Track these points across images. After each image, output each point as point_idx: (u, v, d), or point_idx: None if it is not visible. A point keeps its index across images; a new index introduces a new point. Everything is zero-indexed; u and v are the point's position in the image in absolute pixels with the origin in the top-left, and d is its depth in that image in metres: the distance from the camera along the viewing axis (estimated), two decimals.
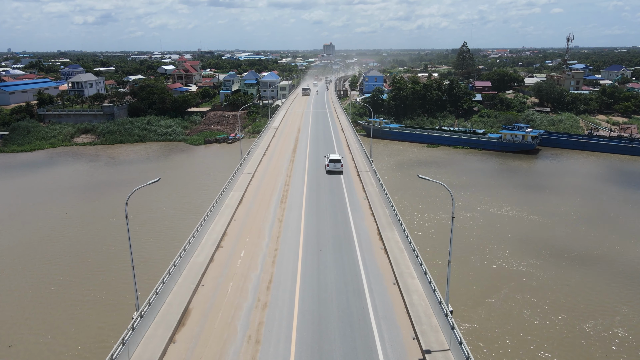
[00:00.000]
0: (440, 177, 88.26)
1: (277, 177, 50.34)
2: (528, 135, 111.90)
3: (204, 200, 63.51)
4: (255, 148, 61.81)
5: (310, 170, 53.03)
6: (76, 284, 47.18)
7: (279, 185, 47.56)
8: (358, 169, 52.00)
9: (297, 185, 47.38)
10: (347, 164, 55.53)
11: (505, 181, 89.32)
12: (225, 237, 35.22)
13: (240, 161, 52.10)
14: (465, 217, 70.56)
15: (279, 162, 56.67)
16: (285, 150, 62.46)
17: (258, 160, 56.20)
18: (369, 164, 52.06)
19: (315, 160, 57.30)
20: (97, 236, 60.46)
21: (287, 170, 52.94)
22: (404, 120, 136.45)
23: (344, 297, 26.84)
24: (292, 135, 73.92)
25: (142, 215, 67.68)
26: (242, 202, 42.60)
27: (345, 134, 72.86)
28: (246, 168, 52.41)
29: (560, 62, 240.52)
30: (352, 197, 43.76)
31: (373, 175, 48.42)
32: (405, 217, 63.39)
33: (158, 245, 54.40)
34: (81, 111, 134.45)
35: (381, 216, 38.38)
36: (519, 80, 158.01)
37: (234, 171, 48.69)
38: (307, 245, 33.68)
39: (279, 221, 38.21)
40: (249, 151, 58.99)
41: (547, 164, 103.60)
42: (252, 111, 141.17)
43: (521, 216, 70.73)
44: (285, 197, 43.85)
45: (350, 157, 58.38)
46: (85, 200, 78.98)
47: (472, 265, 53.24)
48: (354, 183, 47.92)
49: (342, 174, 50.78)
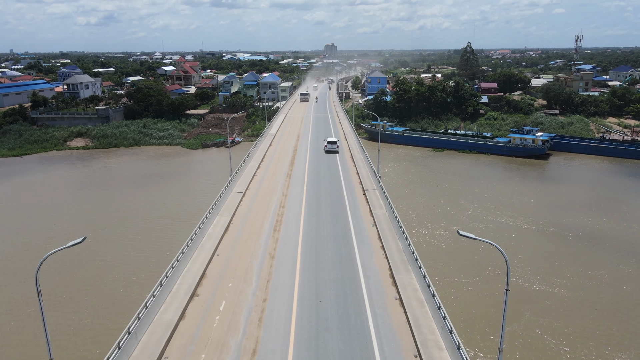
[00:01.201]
0: (448, 183, 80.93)
1: (272, 196, 43.08)
2: (538, 139, 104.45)
3: (199, 209, 56.47)
4: (249, 160, 54.43)
5: (310, 186, 45.80)
6: (60, 305, 41.19)
7: (273, 207, 40.31)
8: (364, 186, 44.65)
9: (294, 207, 40.20)
10: (351, 179, 48.13)
11: (517, 189, 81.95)
12: (204, 281, 28.02)
13: (229, 177, 44.74)
14: (478, 228, 63.57)
15: (275, 177, 49.33)
16: (282, 162, 55.10)
17: (251, 175, 48.88)
18: (376, 181, 44.74)
19: (315, 174, 50.02)
20: (85, 249, 53.87)
21: (283, 187, 45.62)
22: (408, 123, 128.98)
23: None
24: (290, 143, 66.46)
25: (136, 225, 61.82)
26: (229, 230, 35.38)
27: (348, 143, 65.28)
28: (237, 185, 45.13)
29: (565, 62, 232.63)
30: (358, 224, 36.43)
31: (381, 195, 41.16)
32: (411, 230, 56.32)
33: (147, 263, 48.71)
34: (75, 114, 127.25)
35: (393, 251, 31.13)
36: (526, 81, 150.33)
37: (222, 189, 41.46)
38: (303, 294, 26.43)
39: (270, 257, 31.00)
40: (242, 163, 51.70)
41: (560, 170, 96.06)
42: (252, 114, 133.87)
43: (539, 229, 63.55)
44: (280, 223, 36.56)
45: (355, 171, 50.99)
46: (76, 208, 72.30)
47: (489, 285, 46.88)
48: (359, 205, 40.60)
49: (346, 192, 43.50)
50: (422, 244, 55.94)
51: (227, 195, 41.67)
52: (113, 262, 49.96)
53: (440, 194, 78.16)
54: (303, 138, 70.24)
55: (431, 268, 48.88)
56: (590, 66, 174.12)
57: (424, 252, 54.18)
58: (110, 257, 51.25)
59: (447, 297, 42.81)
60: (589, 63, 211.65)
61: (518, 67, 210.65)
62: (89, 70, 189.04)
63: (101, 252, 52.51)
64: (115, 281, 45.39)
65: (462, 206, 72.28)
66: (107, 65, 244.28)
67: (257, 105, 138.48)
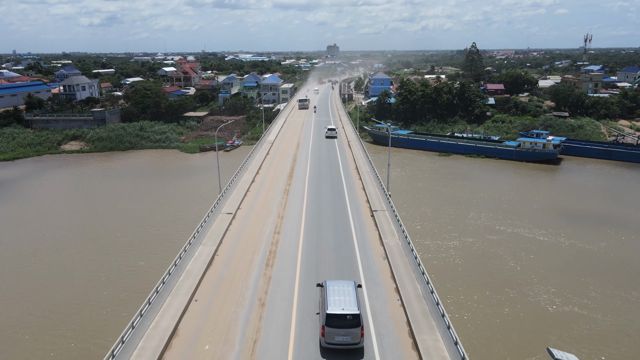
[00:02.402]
0: (456, 189, 74.16)
1: (266, 218, 36.55)
2: (550, 143, 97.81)
3: (196, 216, 50.63)
4: (242, 171, 47.83)
5: (310, 204, 39.28)
6: (47, 326, 36.47)
7: (267, 232, 33.79)
8: (372, 206, 38.04)
9: (291, 232, 33.71)
10: (357, 197, 41.54)
11: (530, 196, 75.43)
12: (174, 341, 21.50)
13: (218, 195, 38.23)
14: (492, 241, 57.38)
15: (271, 193, 42.68)
16: (279, 175, 48.27)
17: (244, 191, 42.34)
18: (386, 199, 38.17)
19: (316, 190, 43.44)
20: (77, 262, 49.57)
21: (279, 206, 39.08)
22: (413, 126, 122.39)
23: None
24: (289, 152, 59.67)
25: (130, 235, 57.28)
26: (212, 264, 28.95)
27: (352, 151, 58.43)
28: (226, 204, 38.67)
29: (570, 63, 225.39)
30: (366, 257, 29.90)
31: (392, 217, 34.64)
32: (420, 241, 49.77)
33: (140, 278, 44.75)
34: (70, 116, 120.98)
35: (411, 297, 24.70)
36: (533, 82, 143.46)
37: (209, 210, 35.04)
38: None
39: (260, 304, 24.57)
40: (234, 175, 45.21)
41: (573, 176, 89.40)
42: (252, 116, 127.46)
43: (557, 241, 57.33)
44: (274, 255, 30.09)
45: (361, 186, 44.32)
46: (66, 217, 66.17)
47: (509, 306, 41.52)
48: (367, 230, 33.99)
49: (351, 213, 36.94)
50: (433, 260, 49.62)
51: (214, 217, 35.23)
52: (105, 277, 45.84)
53: (448, 202, 71.96)
54: (303, 146, 63.51)
55: (448, 290, 42.79)
56: (598, 67, 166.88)
57: (437, 269, 48.27)
58: (102, 270, 47.10)
59: (468, 322, 36.54)
60: (594, 64, 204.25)
61: (523, 68, 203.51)
62: (89, 71, 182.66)
63: (93, 265, 48.50)
64: (106, 300, 41.50)
65: (473, 215, 66.17)
66: (108, 66, 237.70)
67: (257, 107, 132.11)
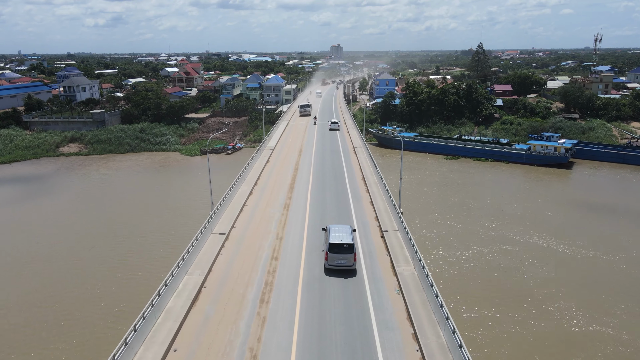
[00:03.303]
0: (465, 195, 69.21)
1: (263, 239, 31.82)
2: (561, 146, 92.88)
3: (197, 222, 46.32)
4: (239, 183, 43.00)
5: (312, 222, 34.46)
6: (35, 346, 34.25)
7: (263, 258, 29.05)
8: (381, 225, 33.24)
9: (291, 258, 28.88)
10: (365, 213, 36.75)
11: (543, 202, 70.63)
12: None
13: (210, 213, 33.60)
14: (506, 251, 52.97)
15: (269, 208, 37.65)
16: (279, 187, 43.15)
17: (240, 205, 37.59)
18: (397, 217, 33.43)
19: (319, 204, 38.45)
20: (72, 273, 46.24)
21: (278, 225, 34.23)
22: (419, 128, 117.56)
23: None
24: (291, 160, 54.51)
25: (127, 242, 53.95)
26: (198, 300, 24.29)
27: (359, 159, 53.35)
28: (219, 222, 34.01)
29: (577, 63, 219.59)
30: (377, 291, 24.98)
31: (405, 240, 29.90)
32: (429, 252, 45.04)
33: (136, 289, 42.34)
34: (70, 118, 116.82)
35: (433, 349, 19.94)
36: (541, 83, 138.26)
37: (200, 229, 30.45)
38: None
39: (251, 356, 20.05)
40: (230, 187, 40.52)
41: (587, 181, 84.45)
42: (254, 118, 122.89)
43: (576, 252, 52.90)
44: (270, 288, 25.41)
45: (368, 200, 39.44)
46: (61, 223, 62.16)
47: (530, 324, 37.83)
48: (377, 256, 29.12)
49: (359, 234, 32.23)
50: (445, 272, 45.02)
51: (205, 238, 30.63)
52: (102, 288, 43.14)
53: (457, 208, 67.49)
54: (306, 152, 58.55)
55: (462, 304, 38.38)
56: (607, 67, 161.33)
57: (449, 281, 43.98)
58: (97, 281, 44.40)
59: (486, 343, 32.08)
60: (601, 64, 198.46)
61: (529, 69, 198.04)
62: (91, 72, 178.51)
63: (89, 275, 45.72)
64: (99, 315, 38.76)
65: (484, 223, 61.75)
66: (111, 67, 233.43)
67: (260, 108, 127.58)
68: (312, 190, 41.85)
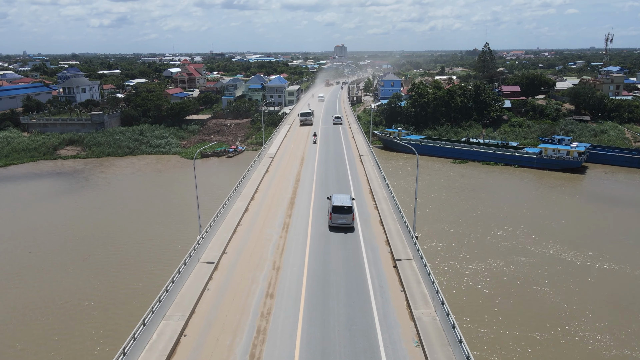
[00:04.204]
0: (475, 202, 64.21)
1: (257, 269, 26.90)
2: (574, 150, 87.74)
3: (195, 228, 41.94)
4: (235, 198, 37.99)
5: (314, 247, 29.75)
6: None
7: (257, 294, 24.09)
8: (393, 252, 28.36)
9: (289, 295, 24.06)
10: (374, 235, 31.97)
11: (557, 209, 65.69)
12: None
13: (198, 237, 28.78)
14: (523, 264, 48.45)
15: (267, 229, 32.33)
16: (278, 203, 37.72)
17: (233, 226, 32.62)
18: (410, 240, 28.59)
19: (322, 224, 34.05)
20: (64, 286, 42.76)
21: (275, 249, 29.34)
22: (425, 130, 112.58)
23: None
24: (291, 170, 49.16)
25: (122, 252, 50.43)
26: (174, 356, 19.76)
27: (365, 169, 48.28)
28: (208, 247, 29.13)
29: (584, 63, 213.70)
30: (391, 343, 19.84)
31: (422, 273, 25.04)
32: (439, 264, 40.17)
33: (129, 303, 39.23)
34: (68, 120, 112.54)
35: None
36: (550, 84, 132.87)
37: (183, 261, 25.52)
38: None
39: None
40: (225, 202, 35.76)
41: (603, 186, 79.34)
42: (257, 119, 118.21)
43: (598, 266, 48.32)
44: (262, 339, 20.47)
45: (377, 218, 34.51)
46: (54, 232, 58.17)
47: (555, 349, 34.31)
48: (390, 293, 24.09)
49: (367, 263, 27.43)
50: (458, 288, 40.21)
51: (190, 268, 25.92)
52: (95, 301, 40.05)
53: (468, 216, 62.89)
54: (308, 161, 53.33)
55: (476, 322, 33.71)
56: (616, 68, 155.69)
57: (463, 298, 39.43)
58: (89, 295, 41.29)
59: None
60: (609, 64, 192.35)
61: (535, 69, 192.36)
62: (93, 72, 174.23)
63: (81, 287, 42.68)
64: (90, 333, 35.61)
65: (497, 232, 57.15)
66: (114, 67, 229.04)
67: (262, 109, 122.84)
68: (314, 207, 37.01)
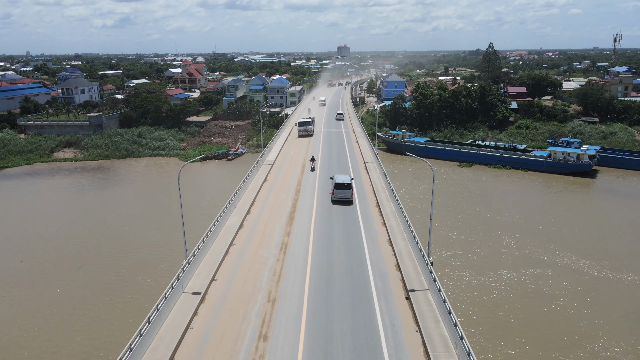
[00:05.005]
0: (484, 207, 60.16)
1: (249, 302, 22.61)
2: (585, 153, 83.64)
3: (194, 234, 38.20)
4: (229, 212, 33.81)
5: (315, 275, 25.74)
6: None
7: (248, 336, 19.83)
8: (405, 280, 24.43)
9: (285, 336, 20.41)
10: (383, 258, 28.00)
11: (570, 216, 61.76)
12: None
13: (184, 263, 24.78)
14: (537, 276, 44.63)
15: (262, 250, 27.99)
16: (276, 218, 33.55)
17: (226, 245, 28.51)
18: (425, 267, 24.65)
19: (325, 243, 29.62)
20: (55, 299, 39.81)
21: (271, 276, 25.41)
22: (430, 132, 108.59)
23: None
24: (292, 179, 44.67)
25: (116, 262, 47.46)
26: None
27: (371, 179, 43.95)
28: (195, 275, 25.09)
29: (590, 63, 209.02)
30: None
31: (440, 309, 21.12)
32: (447, 275, 36.25)
33: (122, 319, 35.98)
34: (66, 121, 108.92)
35: None
36: (557, 84, 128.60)
37: (163, 295, 21.41)
38: None
39: None
40: (217, 219, 31.73)
41: (617, 191, 75.22)
42: (258, 121, 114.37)
43: (619, 277, 44.49)
44: None
45: (385, 237, 30.42)
46: (47, 240, 54.53)
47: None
48: (404, 335, 20.13)
49: (376, 293, 23.47)
50: (469, 304, 36.34)
51: (172, 300, 22.04)
52: (86, 316, 37.28)
53: (476, 223, 59.16)
54: (309, 171, 49.64)
55: (490, 341, 29.95)
56: (624, 68, 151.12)
57: (474, 315, 35.66)
58: (81, 308, 38.67)
59: None
60: (616, 64, 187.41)
61: (540, 69, 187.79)
62: (95, 73, 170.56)
63: (73, 300, 39.77)
64: (80, 351, 32.93)
65: (508, 241, 53.38)
66: (116, 68, 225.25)
67: (264, 111, 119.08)
68: (315, 223, 32.91)
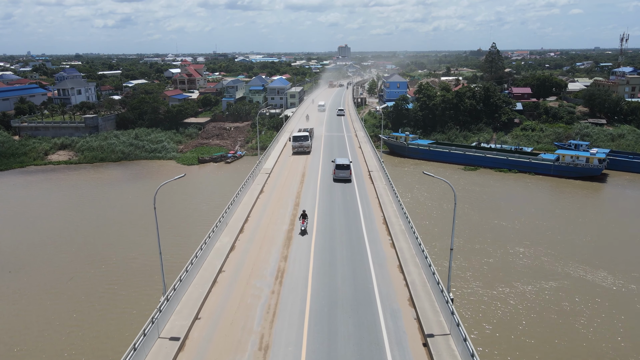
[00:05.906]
0: (492, 213, 56.24)
1: (237, 352, 18.95)
2: (594, 157, 79.61)
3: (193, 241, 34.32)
4: (219, 231, 29.42)
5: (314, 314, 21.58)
6: None
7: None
8: (421, 320, 20.44)
9: None
10: (395, 290, 23.95)
11: (581, 222, 57.75)
12: None
13: (161, 299, 20.67)
14: (553, 289, 41.09)
15: (255, 278, 23.94)
16: (273, 237, 29.51)
17: (214, 274, 24.00)
18: (442, 301, 20.62)
19: (326, 272, 25.31)
20: (48, 311, 37.19)
21: (265, 314, 20.86)
22: (434, 134, 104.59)
23: None
24: (290, 190, 40.53)
25: (110, 272, 44.43)
26: None
27: (377, 190, 39.54)
28: (175, 312, 21.00)
29: (592, 63, 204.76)
30: None
31: None
32: (456, 284, 32.43)
33: (115, 335, 33.16)
34: (61, 123, 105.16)
35: None
36: (562, 85, 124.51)
37: (134, 343, 17.68)
38: None
39: None
40: (206, 239, 27.69)
41: (629, 196, 71.27)
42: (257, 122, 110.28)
43: (631, 289, 40.59)
44: None
45: (396, 263, 26.25)
46: (38, 247, 50.51)
47: None
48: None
49: (387, 338, 19.57)
50: (482, 320, 32.42)
51: (145, 350, 18.11)
52: (79, 332, 34.73)
53: (483, 230, 55.43)
54: (310, 179, 44.60)
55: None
56: (630, 68, 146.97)
57: (488, 332, 31.69)
58: (73, 321, 36.13)
59: None
60: (622, 65, 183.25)
61: (543, 70, 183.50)
62: (93, 73, 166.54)
63: (66, 314, 37.04)
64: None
65: (518, 250, 49.64)
66: (116, 68, 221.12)
67: (263, 112, 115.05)
68: (316, 244, 28.88)
